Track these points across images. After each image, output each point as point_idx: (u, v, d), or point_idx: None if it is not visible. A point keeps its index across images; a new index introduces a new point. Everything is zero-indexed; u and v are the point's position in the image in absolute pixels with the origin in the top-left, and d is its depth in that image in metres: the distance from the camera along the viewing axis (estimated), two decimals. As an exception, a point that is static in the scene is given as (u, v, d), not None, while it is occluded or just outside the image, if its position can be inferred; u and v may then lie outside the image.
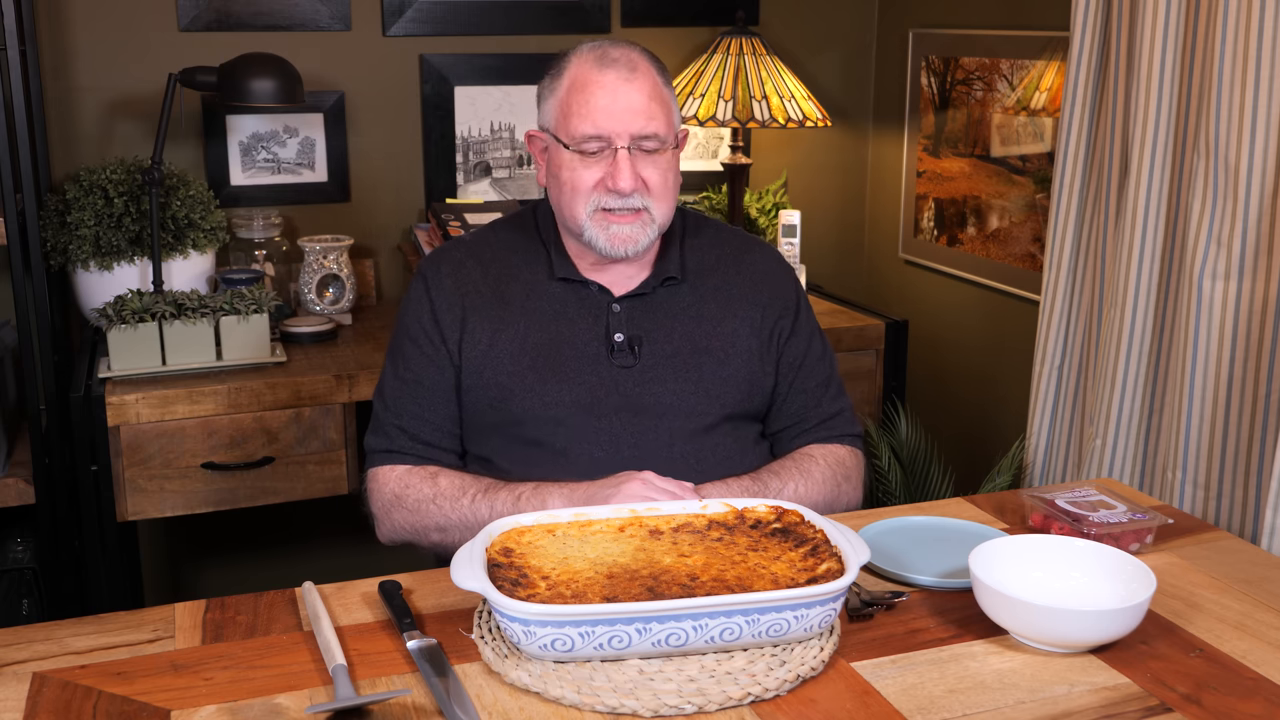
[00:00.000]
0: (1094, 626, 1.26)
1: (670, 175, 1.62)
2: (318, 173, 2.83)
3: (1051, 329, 2.32)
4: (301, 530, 2.87)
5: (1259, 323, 1.88)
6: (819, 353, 1.76)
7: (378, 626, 1.34)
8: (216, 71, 2.42)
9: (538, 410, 1.63)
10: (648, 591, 1.26)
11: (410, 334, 1.69)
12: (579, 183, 1.60)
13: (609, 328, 1.66)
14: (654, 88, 1.60)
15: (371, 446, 1.70)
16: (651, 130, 1.58)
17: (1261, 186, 1.85)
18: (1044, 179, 2.62)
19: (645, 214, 1.61)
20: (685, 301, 1.69)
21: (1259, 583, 1.45)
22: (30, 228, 2.19)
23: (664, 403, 1.64)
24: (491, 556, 1.31)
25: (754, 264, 1.75)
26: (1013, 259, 2.75)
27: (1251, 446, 1.90)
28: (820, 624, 1.25)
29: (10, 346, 2.41)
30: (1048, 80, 2.59)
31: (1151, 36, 1.99)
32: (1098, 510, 1.54)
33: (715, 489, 1.58)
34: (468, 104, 2.90)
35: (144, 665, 1.26)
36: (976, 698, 1.20)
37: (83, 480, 2.22)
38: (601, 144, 1.58)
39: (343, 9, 2.77)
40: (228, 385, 2.26)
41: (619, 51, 1.60)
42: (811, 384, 1.74)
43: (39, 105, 2.51)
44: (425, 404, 1.67)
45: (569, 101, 1.59)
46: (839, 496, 1.70)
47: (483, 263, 1.70)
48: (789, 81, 2.82)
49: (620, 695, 1.18)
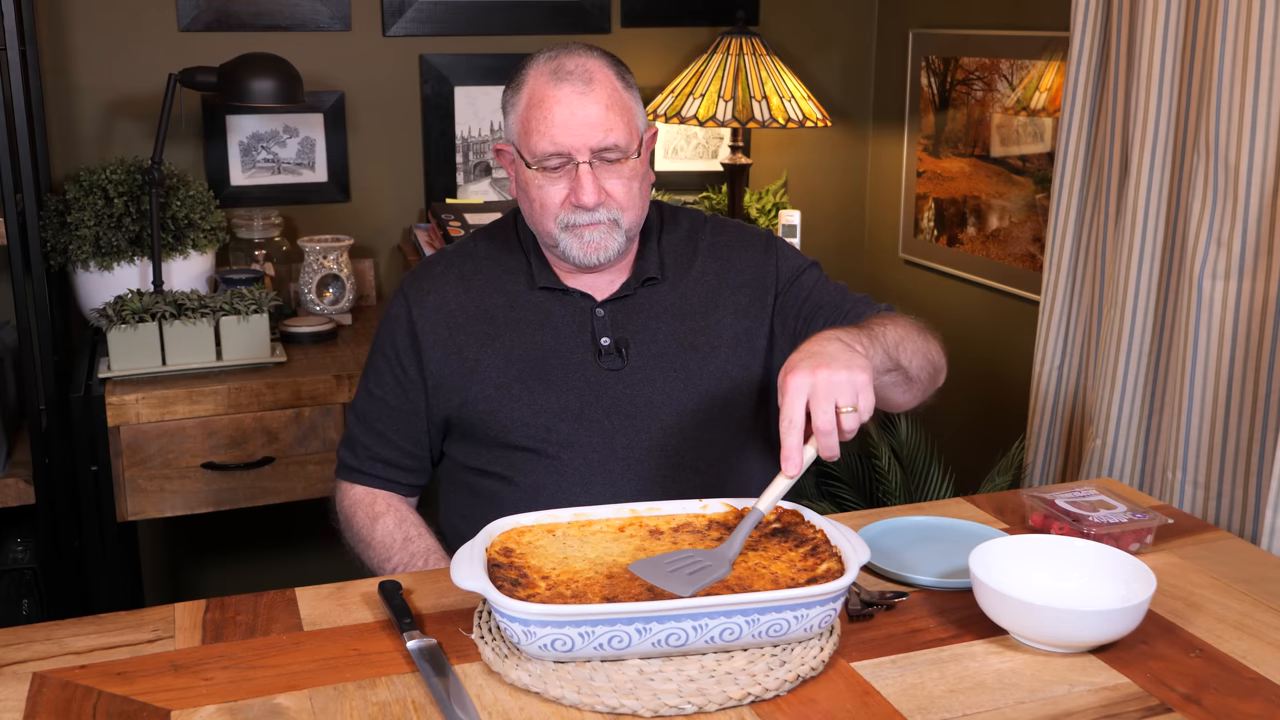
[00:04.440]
0: (1094, 626, 1.26)
1: (635, 183, 1.61)
2: (318, 173, 2.83)
3: (1051, 329, 2.32)
4: (302, 530, 2.86)
5: (1259, 323, 1.88)
6: (816, 278, 1.73)
7: (378, 626, 1.34)
8: (216, 71, 2.42)
9: (528, 419, 1.63)
10: (648, 591, 1.26)
11: (384, 352, 1.71)
12: (546, 200, 1.60)
13: (594, 332, 1.66)
14: (611, 96, 1.58)
15: (339, 457, 1.77)
16: (611, 142, 1.57)
17: (1261, 186, 1.85)
18: (1044, 179, 2.62)
19: (612, 223, 1.60)
20: (667, 300, 1.69)
21: (1259, 583, 1.45)
22: (30, 228, 2.19)
23: (655, 402, 1.64)
24: (491, 556, 1.31)
25: (728, 246, 1.74)
26: (1013, 259, 2.75)
27: (1251, 446, 1.90)
28: (820, 624, 1.25)
29: (10, 346, 2.41)
30: (1048, 80, 2.59)
31: (1151, 36, 1.99)
32: (1098, 510, 1.54)
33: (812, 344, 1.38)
34: (468, 104, 2.90)
35: (144, 665, 1.26)
36: (976, 698, 1.20)
37: (83, 480, 2.22)
38: (562, 159, 1.57)
39: (343, 9, 2.77)
40: (228, 385, 2.26)
41: (574, 62, 1.58)
42: (828, 300, 1.70)
43: (39, 105, 2.51)
44: (388, 424, 1.71)
45: (527, 118, 1.58)
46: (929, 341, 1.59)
47: (464, 276, 1.71)
48: (789, 81, 2.82)
49: (620, 695, 1.18)
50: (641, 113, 1.64)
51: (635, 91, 1.63)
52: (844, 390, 1.30)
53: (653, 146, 1.68)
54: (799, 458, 1.30)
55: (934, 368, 1.60)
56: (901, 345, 1.51)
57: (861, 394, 1.31)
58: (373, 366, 1.73)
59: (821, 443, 1.30)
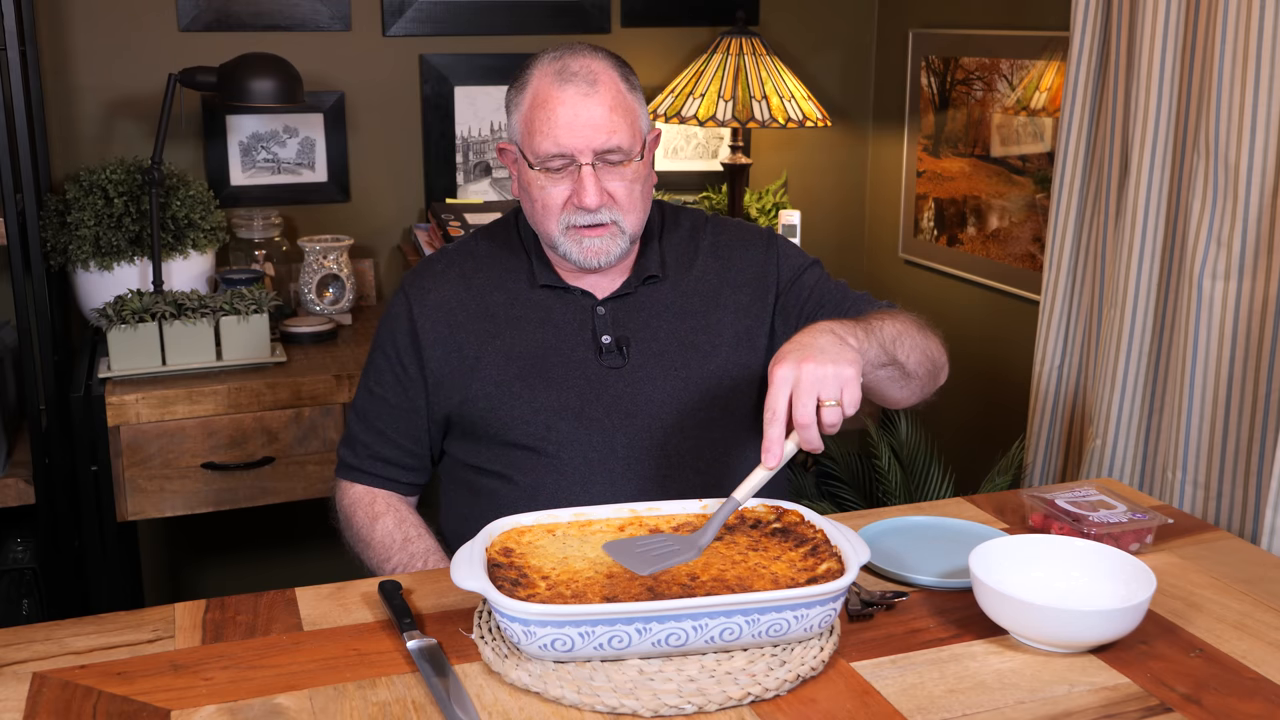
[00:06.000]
0: (1094, 626, 1.26)
1: (638, 185, 1.61)
2: (318, 173, 2.83)
3: (1051, 329, 2.32)
4: (302, 530, 2.86)
5: (1259, 323, 1.88)
6: (817, 276, 1.73)
7: (378, 626, 1.34)
8: (216, 71, 2.42)
9: (529, 417, 1.63)
10: (648, 591, 1.26)
11: (385, 350, 1.71)
12: (549, 201, 1.60)
13: (595, 331, 1.66)
14: (615, 98, 1.58)
15: (339, 455, 1.77)
16: (614, 144, 1.57)
17: (1261, 186, 1.85)
18: (1044, 179, 2.62)
19: (614, 226, 1.60)
20: (668, 299, 1.69)
21: (1259, 583, 1.45)
22: (30, 228, 2.19)
23: (655, 401, 1.64)
24: (491, 556, 1.31)
25: (729, 245, 1.74)
26: (1013, 259, 2.75)
27: (1251, 446, 1.90)
28: (820, 624, 1.25)
29: (10, 346, 2.41)
30: (1048, 80, 2.59)
31: (1151, 36, 1.99)
32: (1098, 510, 1.54)
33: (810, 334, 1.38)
34: (468, 104, 2.90)
35: (144, 665, 1.26)
36: (976, 698, 1.20)
37: (83, 480, 2.22)
38: (565, 161, 1.57)
39: (343, 9, 2.77)
40: (228, 385, 2.26)
41: (579, 63, 1.58)
42: (830, 298, 1.70)
43: (39, 105, 2.51)
44: (388, 422, 1.71)
45: (531, 119, 1.58)
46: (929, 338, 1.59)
47: (465, 275, 1.71)
48: (789, 81, 2.82)
49: (620, 695, 1.18)
50: (645, 115, 1.64)
51: (639, 93, 1.63)
52: (828, 384, 1.31)
53: (655, 149, 1.68)
54: (779, 450, 1.30)
55: (934, 364, 1.60)
56: (899, 340, 1.51)
57: (846, 388, 1.31)
58: (373, 365, 1.73)
59: (801, 435, 1.31)
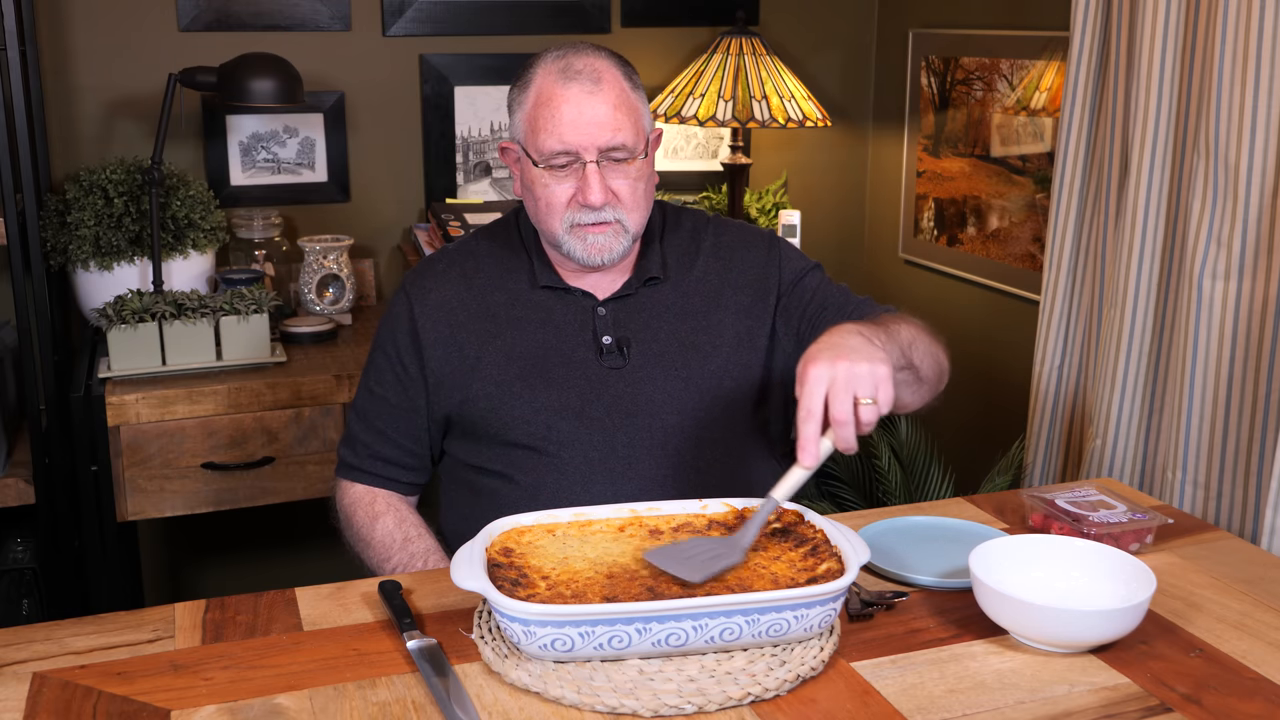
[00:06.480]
0: (1094, 626, 1.26)
1: (641, 184, 1.62)
2: (318, 173, 2.83)
3: (1051, 329, 2.32)
4: (302, 530, 2.87)
5: (1259, 323, 1.88)
6: (819, 280, 1.73)
7: (378, 626, 1.34)
8: (216, 72, 2.42)
9: (529, 417, 1.63)
10: (648, 591, 1.26)
11: (385, 350, 1.72)
12: (552, 199, 1.60)
13: (596, 331, 1.66)
14: (619, 96, 1.58)
15: (339, 455, 1.77)
16: (619, 142, 1.57)
17: (1261, 186, 1.85)
18: (1044, 179, 2.62)
19: (618, 224, 1.61)
20: (669, 299, 1.69)
21: (1259, 583, 1.45)
22: (30, 228, 2.19)
23: (656, 401, 1.64)
24: (491, 556, 1.31)
25: (731, 246, 1.74)
26: (1013, 259, 2.75)
27: (1251, 446, 1.90)
28: (820, 624, 1.25)
29: (10, 346, 2.42)
30: (1048, 80, 2.59)
31: (1151, 36, 1.99)
32: (1098, 510, 1.54)
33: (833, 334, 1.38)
34: (468, 104, 2.90)
35: (144, 665, 1.26)
36: (976, 698, 1.20)
37: (83, 480, 2.22)
38: (570, 158, 1.57)
39: (343, 9, 2.77)
40: (228, 385, 2.26)
41: (583, 61, 1.59)
42: (833, 301, 1.70)
43: (39, 105, 2.51)
44: (389, 422, 1.71)
45: (535, 117, 1.59)
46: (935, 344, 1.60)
47: (466, 275, 1.71)
48: (789, 81, 2.82)
49: (620, 695, 1.18)
50: (648, 113, 1.64)
51: (642, 92, 1.64)
52: (864, 382, 1.30)
53: (657, 148, 1.69)
54: (815, 448, 1.30)
55: (941, 370, 1.61)
56: (914, 345, 1.52)
57: (881, 387, 1.31)
58: (373, 364, 1.73)
59: (838, 434, 1.30)
